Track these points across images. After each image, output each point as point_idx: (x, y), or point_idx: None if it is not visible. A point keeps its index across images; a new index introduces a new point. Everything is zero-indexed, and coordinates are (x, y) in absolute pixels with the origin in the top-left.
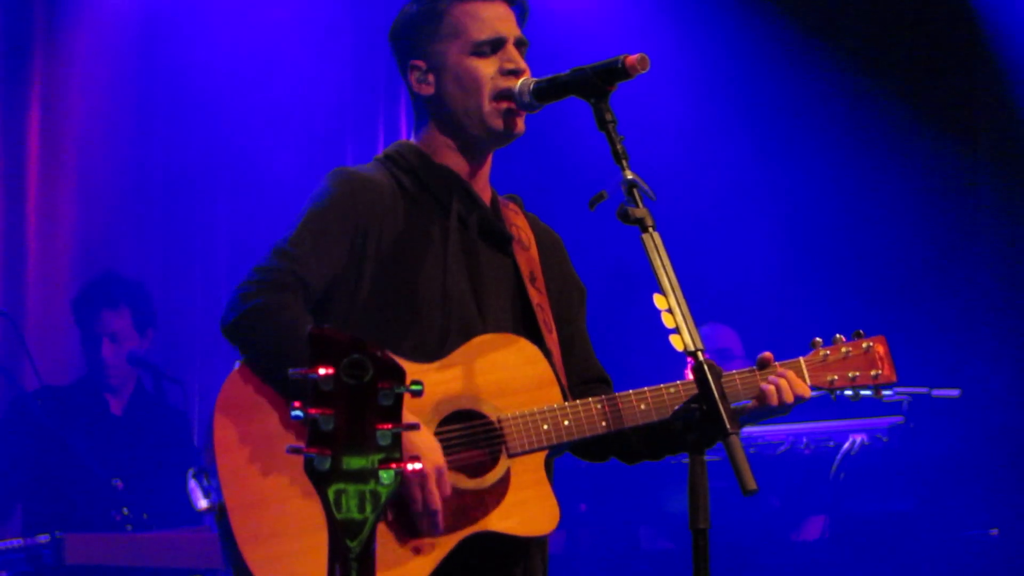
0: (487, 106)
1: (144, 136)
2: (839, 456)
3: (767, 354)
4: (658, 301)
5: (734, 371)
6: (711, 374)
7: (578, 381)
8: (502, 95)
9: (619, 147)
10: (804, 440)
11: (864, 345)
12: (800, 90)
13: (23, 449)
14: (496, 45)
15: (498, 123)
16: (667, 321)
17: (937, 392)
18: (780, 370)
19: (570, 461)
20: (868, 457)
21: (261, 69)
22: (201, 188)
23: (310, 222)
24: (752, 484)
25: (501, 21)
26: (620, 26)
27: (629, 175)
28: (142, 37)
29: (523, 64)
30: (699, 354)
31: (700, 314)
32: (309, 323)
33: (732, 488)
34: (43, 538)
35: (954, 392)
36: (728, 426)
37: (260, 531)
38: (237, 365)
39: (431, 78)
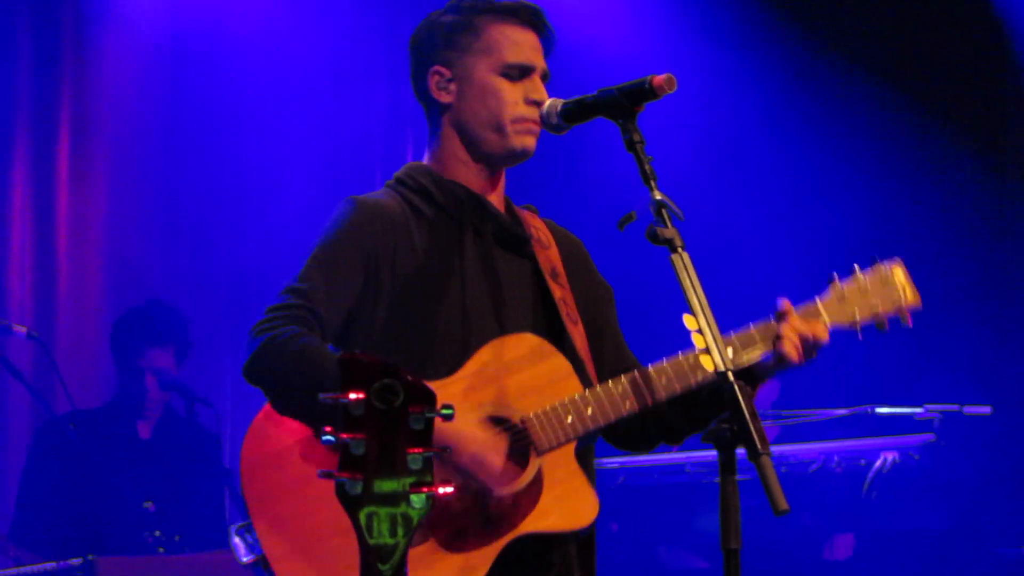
0: (507, 128)
1: (174, 158)
2: (870, 474)
3: (785, 302)
4: (688, 321)
5: (751, 324)
6: (742, 394)
7: (612, 371)
8: (521, 120)
9: (647, 167)
10: (835, 459)
11: (883, 271)
12: (828, 103)
13: (56, 472)
14: (524, 71)
15: (515, 143)
16: (697, 342)
17: (968, 409)
18: (796, 320)
19: (599, 480)
20: (899, 475)
21: (291, 91)
22: (231, 209)
23: (321, 256)
24: (784, 504)
25: (533, 50)
26: (641, 44)
27: (658, 195)
28: (171, 58)
29: (546, 96)
30: (730, 374)
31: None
32: (326, 351)
33: (764, 506)
34: (76, 561)
35: (986, 409)
36: (759, 447)
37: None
38: (259, 413)
39: (452, 87)
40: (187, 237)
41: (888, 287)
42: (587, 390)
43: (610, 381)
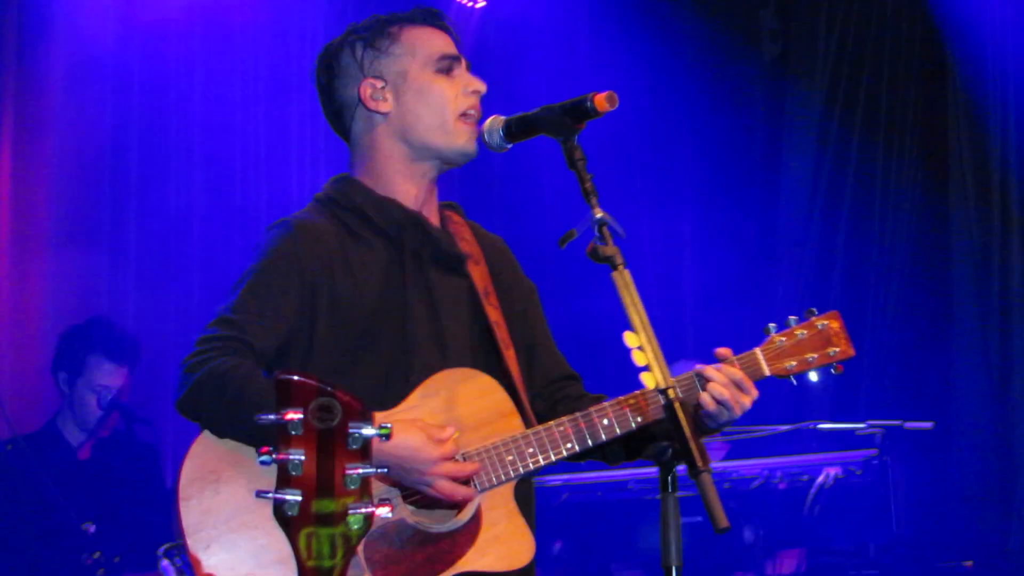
0: (452, 123)
1: (117, 176)
2: (813, 490)
3: (724, 351)
4: (628, 339)
5: (690, 371)
6: (682, 412)
7: (545, 383)
8: (466, 115)
9: (589, 185)
10: (778, 474)
11: (819, 324)
12: (768, 118)
13: None
14: (455, 62)
15: (461, 140)
16: (638, 359)
17: (910, 424)
18: (728, 370)
19: (543, 497)
20: (842, 490)
21: (236, 100)
22: (175, 224)
23: (254, 283)
24: (724, 522)
25: (452, 44)
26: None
27: (599, 213)
28: (114, 75)
29: (483, 86)
30: (670, 391)
31: (670, 351)
32: (259, 376)
33: (707, 523)
34: None
35: (927, 424)
36: (699, 464)
37: None
38: (195, 440)
39: (388, 95)
40: (130, 253)
41: (824, 338)
42: (530, 430)
43: (553, 422)
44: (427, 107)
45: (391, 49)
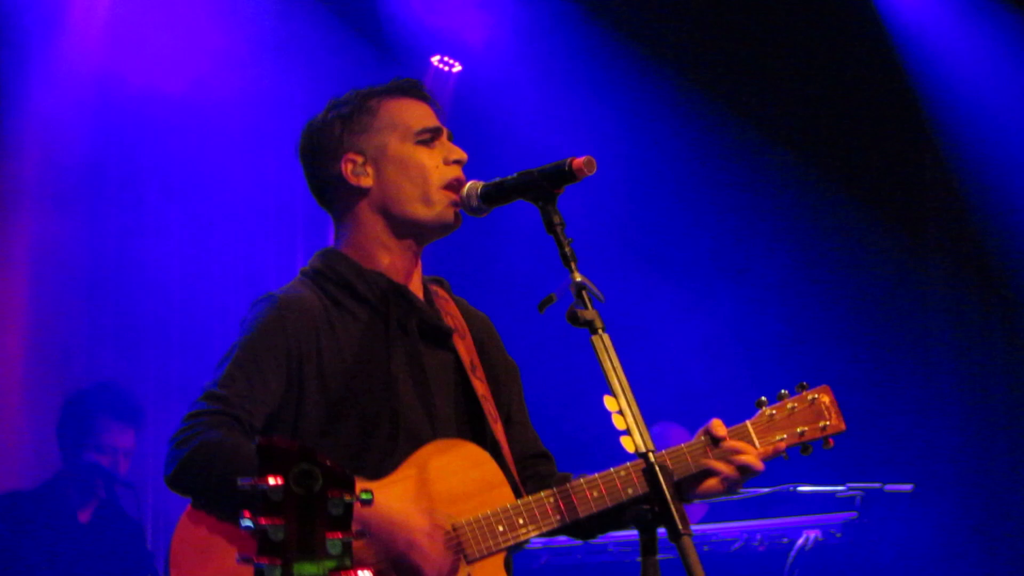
0: (435, 194)
1: (96, 236)
2: (793, 552)
3: (718, 427)
4: (608, 403)
5: (683, 444)
6: (663, 475)
7: (519, 458)
8: (450, 186)
9: (567, 249)
10: (758, 537)
11: (810, 397)
12: (743, 185)
13: None
14: (435, 134)
15: (447, 212)
16: (618, 423)
17: (890, 487)
18: (730, 444)
19: (522, 560)
20: (822, 553)
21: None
22: (153, 285)
23: (241, 358)
24: None
25: (432, 118)
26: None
27: (578, 277)
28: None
29: (464, 155)
30: (650, 455)
31: (649, 413)
32: (247, 446)
33: None
34: None
35: (907, 487)
36: (680, 527)
37: None
38: (185, 512)
39: (369, 169)
40: (109, 314)
41: (815, 412)
42: (519, 500)
43: (543, 493)
44: (408, 180)
45: (370, 124)
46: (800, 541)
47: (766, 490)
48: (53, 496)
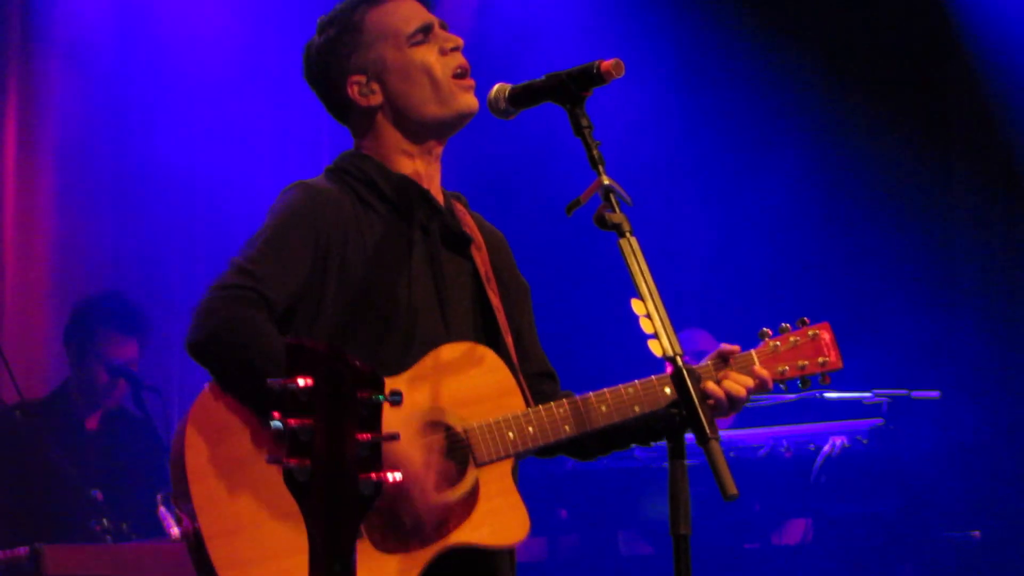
0: (445, 89)
1: (122, 144)
2: (820, 459)
3: (725, 349)
4: (636, 306)
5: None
6: (690, 379)
7: (525, 375)
8: (456, 75)
9: (595, 152)
10: (784, 443)
11: (811, 333)
12: (768, 91)
13: (3, 462)
14: (426, 30)
15: (459, 99)
16: (645, 326)
17: (917, 394)
18: (725, 374)
19: (549, 465)
20: (849, 459)
21: (238, 81)
22: (179, 195)
23: (270, 238)
24: (733, 489)
25: (419, 10)
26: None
27: (606, 180)
28: (117, 49)
29: (459, 39)
30: (678, 359)
31: (677, 319)
32: (275, 335)
33: (713, 492)
34: (22, 550)
35: (934, 394)
36: (708, 431)
37: (238, 558)
38: (205, 386)
39: (375, 86)
40: (134, 222)
41: (815, 347)
42: (530, 409)
43: (553, 403)
44: (415, 84)
45: (360, 40)
46: (827, 447)
47: (793, 396)
48: (63, 403)
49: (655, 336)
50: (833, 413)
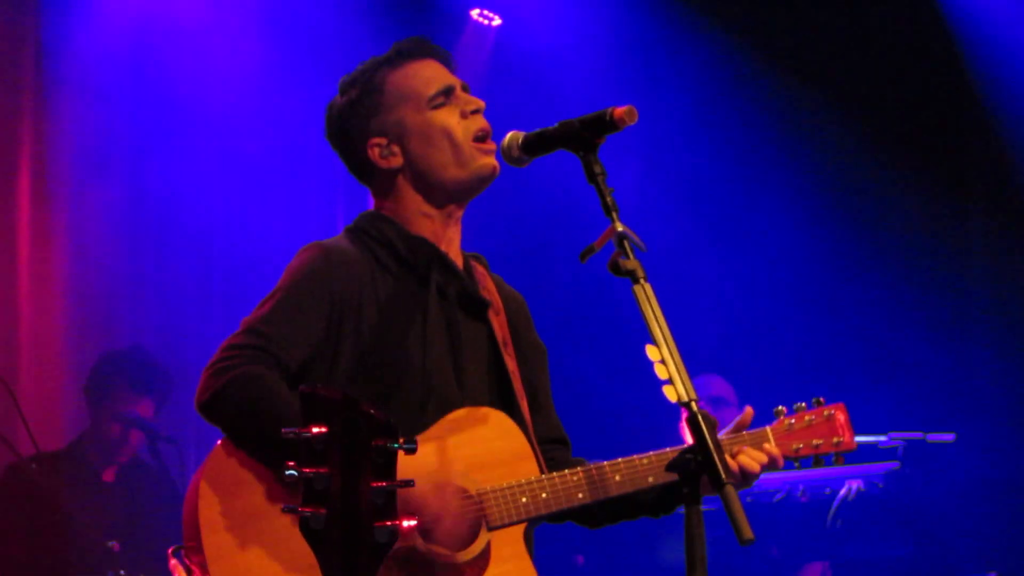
0: (466, 152)
1: (138, 193)
2: (836, 503)
3: (741, 422)
4: (651, 352)
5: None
6: (706, 424)
7: (539, 440)
8: (477, 138)
9: (609, 199)
10: (800, 488)
11: (826, 413)
12: (784, 138)
13: (18, 513)
14: (448, 93)
15: (482, 165)
16: (660, 372)
17: (932, 437)
18: (740, 448)
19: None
20: (865, 503)
21: (254, 131)
22: (196, 250)
23: (284, 299)
24: (749, 533)
25: (442, 73)
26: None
27: (619, 227)
28: (132, 93)
29: (480, 102)
30: (693, 404)
31: (692, 365)
32: (286, 391)
33: (730, 537)
34: None
35: (949, 436)
36: (724, 476)
37: None
38: (218, 442)
39: (395, 148)
40: (152, 278)
41: (830, 427)
42: (544, 475)
43: (568, 471)
44: (435, 148)
45: (381, 102)
46: (843, 491)
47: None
48: (80, 455)
49: (670, 382)
50: (849, 457)
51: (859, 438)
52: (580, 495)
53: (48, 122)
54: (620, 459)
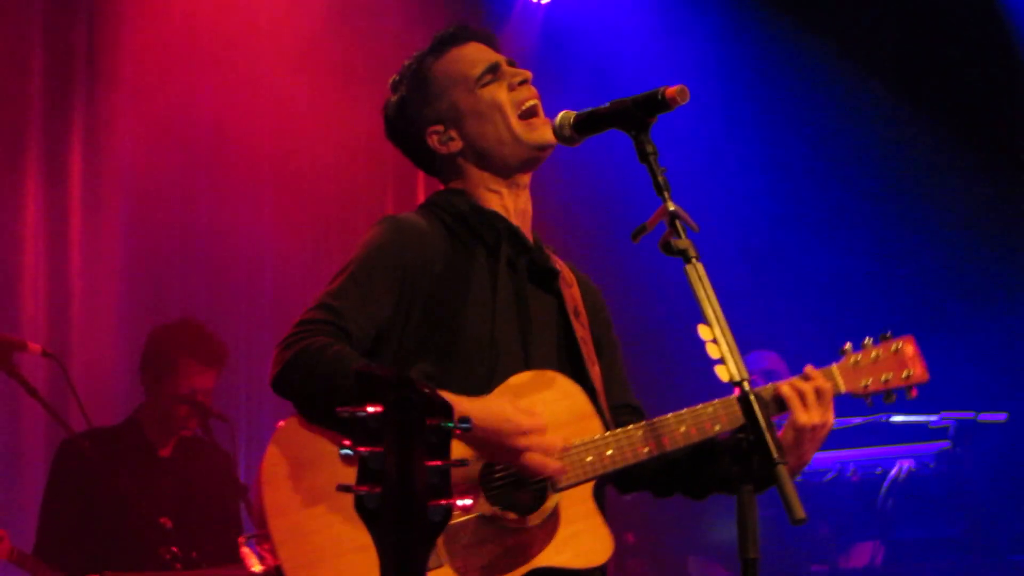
0: (517, 126)
1: (189, 177)
2: (887, 482)
3: (808, 370)
4: (703, 332)
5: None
6: (758, 404)
7: (611, 406)
8: (527, 111)
9: (661, 178)
10: (852, 467)
11: (893, 347)
12: (838, 101)
13: (72, 490)
14: (494, 70)
15: (534, 135)
16: (712, 351)
17: (983, 417)
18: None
19: (613, 489)
20: (915, 483)
21: (305, 115)
22: (246, 224)
23: (358, 275)
24: (801, 513)
25: (485, 52)
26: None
27: (671, 206)
28: (186, 73)
29: (527, 72)
30: (745, 384)
31: (743, 341)
32: (356, 357)
33: (781, 516)
34: None
35: (1000, 416)
36: (776, 455)
37: None
38: (281, 424)
39: (453, 133)
40: (202, 252)
41: (899, 361)
42: (608, 432)
43: (631, 425)
44: (490, 124)
45: (432, 91)
46: (894, 471)
47: (860, 420)
48: (135, 431)
49: (722, 361)
50: (900, 436)
51: (909, 418)
52: (645, 449)
53: (100, 93)
54: (684, 409)
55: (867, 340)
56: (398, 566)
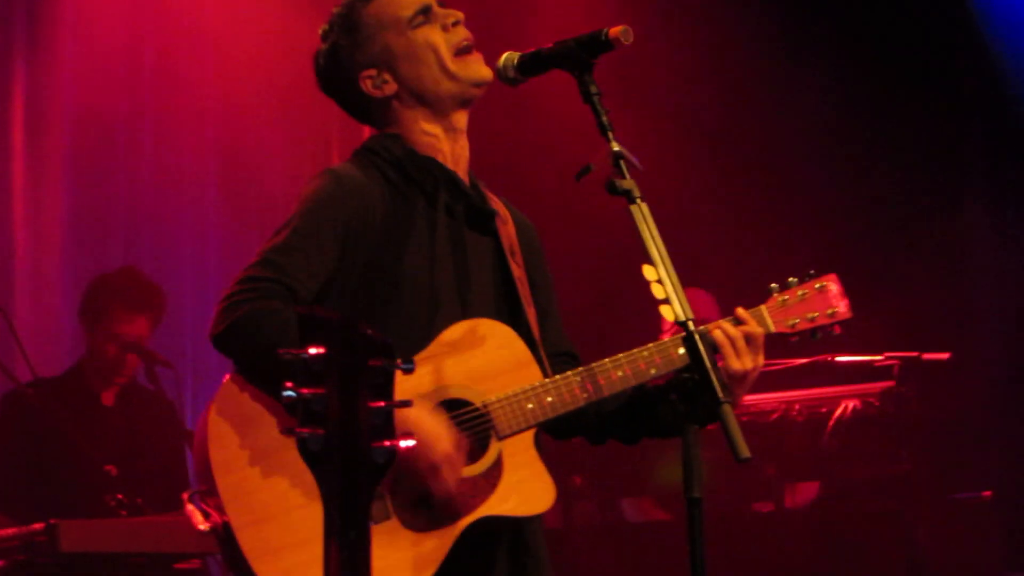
0: (452, 64)
1: (134, 125)
2: (831, 422)
3: (738, 313)
4: (647, 272)
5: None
6: (702, 343)
7: (548, 354)
8: (461, 49)
9: (605, 119)
10: (796, 407)
11: (817, 285)
12: (791, 40)
13: (18, 439)
14: (426, 11)
15: (469, 71)
16: (656, 292)
17: (927, 356)
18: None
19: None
20: (860, 422)
21: (250, 69)
22: (190, 174)
23: (297, 227)
24: (745, 452)
25: None
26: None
27: (615, 147)
28: (130, 13)
29: (459, 12)
30: (690, 324)
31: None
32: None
33: (726, 456)
34: (38, 526)
35: (944, 355)
36: (721, 394)
37: (271, 545)
38: (226, 378)
39: (387, 76)
40: (147, 201)
41: (824, 299)
42: (547, 379)
43: (569, 372)
44: (423, 64)
45: (363, 35)
46: (838, 411)
47: (804, 360)
48: (79, 380)
49: (667, 301)
50: (845, 376)
51: (854, 357)
52: (584, 394)
53: (41, 49)
54: (621, 354)
55: (791, 279)
56: (342, 508)
